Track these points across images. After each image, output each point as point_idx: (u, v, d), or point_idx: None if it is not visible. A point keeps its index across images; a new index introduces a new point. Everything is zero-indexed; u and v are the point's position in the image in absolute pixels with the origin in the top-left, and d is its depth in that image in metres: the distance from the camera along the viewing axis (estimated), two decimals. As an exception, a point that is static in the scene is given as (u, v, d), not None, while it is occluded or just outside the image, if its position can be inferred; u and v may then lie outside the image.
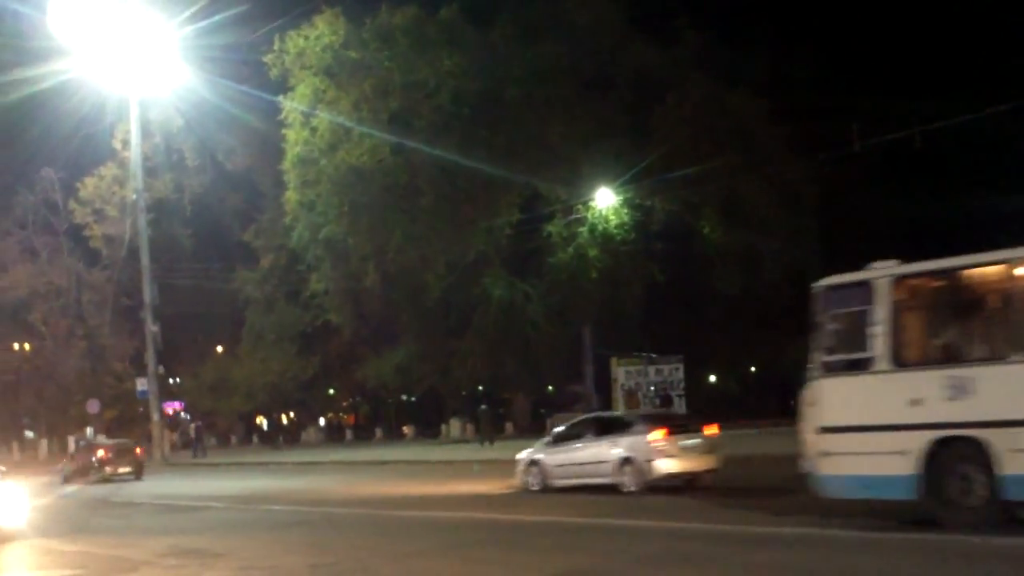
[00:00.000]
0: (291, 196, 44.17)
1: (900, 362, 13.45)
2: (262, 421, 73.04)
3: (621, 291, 44.74)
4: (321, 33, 42.10)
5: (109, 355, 56.72)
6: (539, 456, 22.06)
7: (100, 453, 36.01)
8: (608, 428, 21.39)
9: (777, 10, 48.08)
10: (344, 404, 75.53)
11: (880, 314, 13.79)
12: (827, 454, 13.96)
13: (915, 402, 13.12)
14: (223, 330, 61.80)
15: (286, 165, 43.76)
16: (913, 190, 49.21)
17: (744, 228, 43.96)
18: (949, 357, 13.28)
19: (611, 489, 20.02)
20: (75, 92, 42.85)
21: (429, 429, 58.87)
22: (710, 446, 20.68)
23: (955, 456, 12.68)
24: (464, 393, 54.00)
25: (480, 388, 53.51)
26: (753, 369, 57.93)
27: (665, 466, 19.81)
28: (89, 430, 52.25)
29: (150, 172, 48.45)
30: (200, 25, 39.48)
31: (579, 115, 43.06)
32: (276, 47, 42.32)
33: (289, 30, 42.22)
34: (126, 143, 46.42)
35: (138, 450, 37.75)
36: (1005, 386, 12.38)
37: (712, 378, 58.23)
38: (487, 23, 44.19)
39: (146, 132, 46.59)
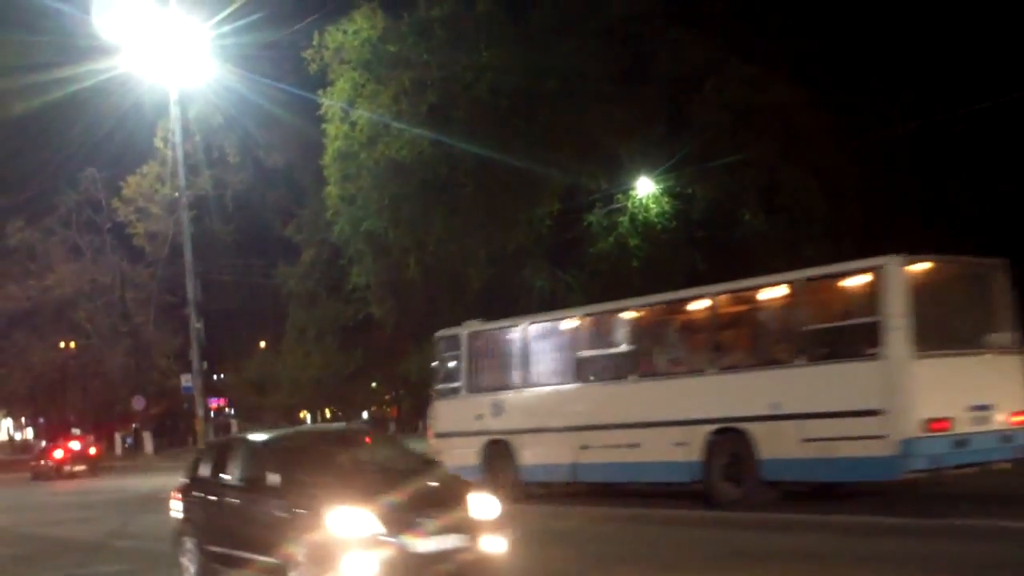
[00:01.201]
0: (332, 191, 44.33)
1: (472, 390, 20.97)
2: (305, 415, 73.45)
3: (662, 279, 44.52)
4: (359, 28, 42.19)
5: (153, 352, 57.33)
6: None
7: None
8: None
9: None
10: (387, 397, 75.74)
11: (463, 357, 21.36)
12: (439, 452, 19.97)
13: (479, 417, 20.55)
14: (265, 325, 62.22)
15: (326, 160, 43.92)
16: (955, 174, 48.73)
17: (785, 215, 43.72)
18: (494, 387, 20.52)
19: None
20: (116, 90, 43.26)
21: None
22: None
23: (499, 450, 19.91)
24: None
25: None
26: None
27: None
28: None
29: (191, 170, 48.74)
30: (239, 23, 39.67)
31: (617, 105, 42.92)
32: (315, 42, 42.47)
33: (327, 25, 42.36)
34: (167, 141, 46.79)
35: None
36: (521, 406, 19.48)
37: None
38: (524, 16, 44.14)
39: (186, 130, 46.87)
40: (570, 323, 20.01)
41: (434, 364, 22.74)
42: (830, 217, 43.83)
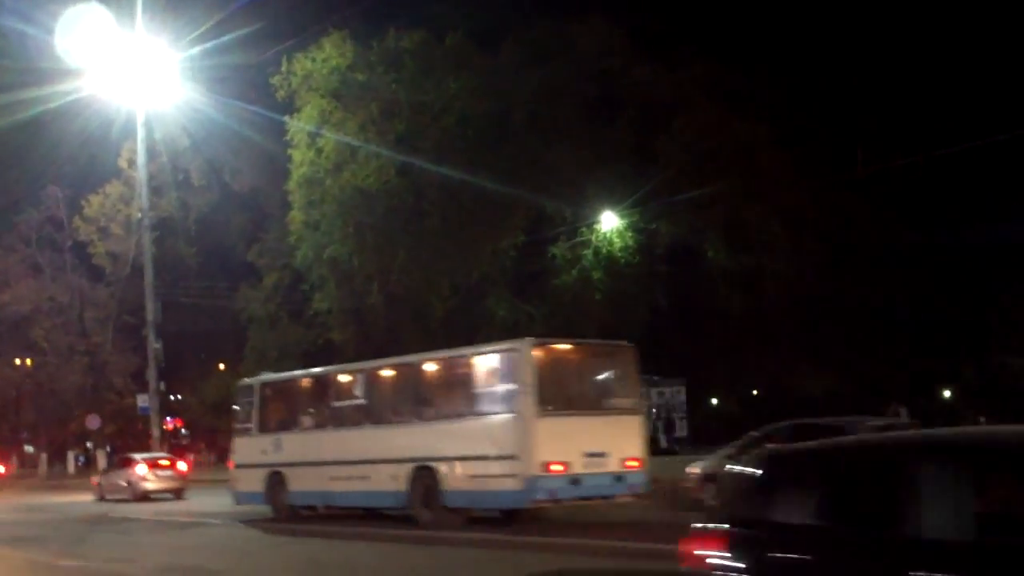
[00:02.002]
0: (296, 216, 44.29)
1: (260, 430, 24.09)
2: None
3: (625, 313, 44.76)
4: (328, 55, 42.27)
5: (110, 371, 56.80)
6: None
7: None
8: None
9: (782, 35, 48.36)
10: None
11: (255, 403, 24.47)
12: (237, 480, 24.61)
13: (264, 452, 23.51)
14: (225, 348, 61.82)
15: (291, 185, 43.89)
16: (916, 215, 49.40)
17: (748, 252, 44.10)
18: (275, 428, 23.91)
19: None
20: (82, 112, 43.03)
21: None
22: None
23: (277, 479, 22.83)
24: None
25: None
26: (755, 392, 57.95)
27: None
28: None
29: (156, 191, 48.59)
30: (207, 46, 39.68)
31: (584, 138, 43.21)
32: (283, 69, 42.46)
33: (296, 52, 42.37)
34: (132, 162, 46.60)
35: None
36: (292, 445, 22.74)
37: (714, 400, 58.26)
38: (493, 47, 44.36)
39: (152, 151, 46.72)
40: (326, 378, 24.12)
41: (234, 407, 26.25)
42: (792, 254, 44.24)
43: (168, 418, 61.28)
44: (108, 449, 58.02)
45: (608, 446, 18.22)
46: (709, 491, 19.79)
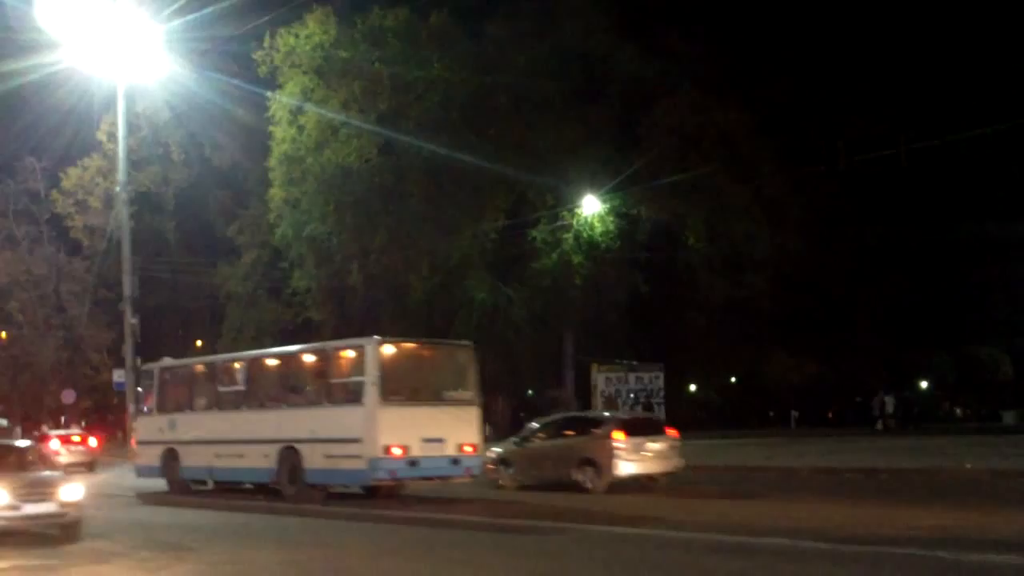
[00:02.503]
0: (276, 193, 44.06)
1: (159, 411, 25.83)
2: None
3: (604, 298, 44.84)
4: (312, 32, 42.01)
5: (86, 346, 56.41)
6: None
7: None
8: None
9: (767, 23, 48.32)
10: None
11: (154, 385, 26.05)
12: (138, 455, 26.58)
13: (160, 430, 25.25)
14: (203, 324, 61.53)
15: (272, 162, 43.65)
16: (897, 208, 49.59)
17: (728, 239, 44.17)
18: (171, 409, 25.46)
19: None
20: (62, 84, 42.56)
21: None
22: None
23: (171, 455, 24.63)
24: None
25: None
26: (733, 379, 58.12)
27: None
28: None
29: (135, 165, 48.14)
30: (189, 18, 39.21)
31: (567, 122, 43.09)
32: (266, 44, 42.19)
33: (280, 27, 42.05)
34: (112, 135, 46.13)
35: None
36: (185, 424, 24.47)
37: (692, 387, 58.36)
38: (478, 28, 44.23)
39: (133, 125, 46.26)
40: (214, 365, 25.88)
41: (139, 389, 28.33)
42: (772, 244, 44.34)
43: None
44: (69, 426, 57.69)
45: (445, 433, 20.21)
46: (501, 471, 23.68)
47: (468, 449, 20.59)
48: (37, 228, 55.00)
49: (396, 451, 19.40)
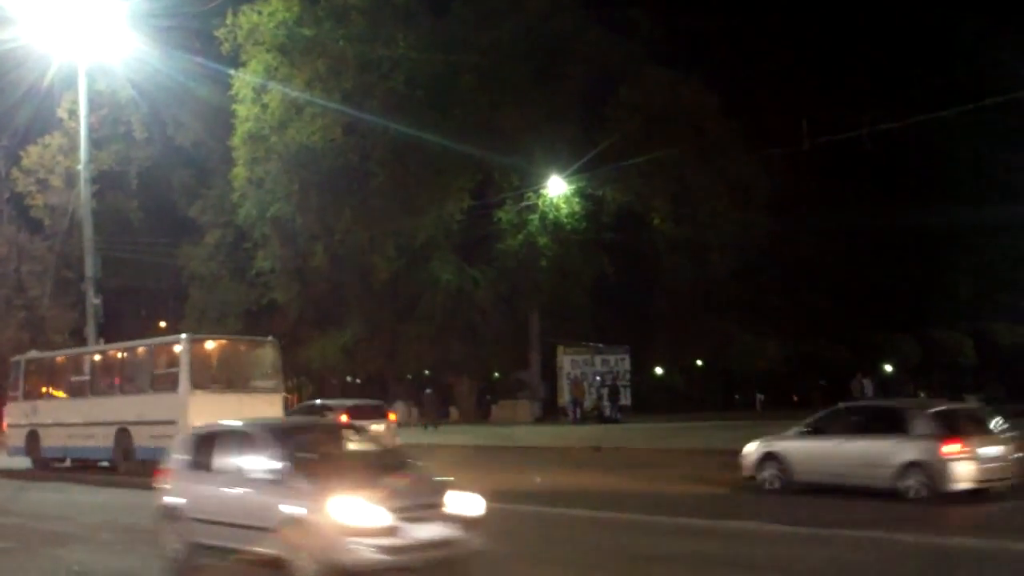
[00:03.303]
0: (239, 172, 43.70)
1: (25, 397, 27.85)
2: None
3: (570, 280, 44.81)
4: (275, 9, 41.63)
5: (48, 327, 55.64)
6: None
7: None
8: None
9: (733, 4, 48.35)
10: (288, 384, 74.93)
11: (21, 375, 28.31)
12: (9, 437, 28.28)
13: (26, 415, 27.45)
14: (166, 305, 60.96)
15: (235, 141, 43.27)
16: (861, 191, 49.81)
17: (693, 221, 44.27)
18: (34, 396, 27.79)
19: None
20: (22, 61, 41.90)
21: (373, 412, 58.47)
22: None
23: (34, 437, 26.88)
24: (409, 377, 53.74)
25: (426, 372, 53.30)
26: (699, 362, 58.25)
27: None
28: None
29: (97, 143, 47.40)
30: (151, -4, 38.80)
31: (533, 102, 43.01)
32: (229, 22, 41.76)
33: (243, 4, 41.69)
34: (72, 113, 45.52)
35: None
36: (45, 409, 27.03)
37: (658, 370, 58.46)
38: (443, 6, 43.99)
39: (94, 102, 45.48)
40: (67, 358, 29.08)
41: (10, 379, 29.63)
42: (738, 225, 44.44)
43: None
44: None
45: (250, 416, 21.15)
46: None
47: None
48: (-3, 207, 54.28)
49: None
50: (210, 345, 24.65)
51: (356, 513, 10.45)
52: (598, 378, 46.11)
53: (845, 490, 16.72)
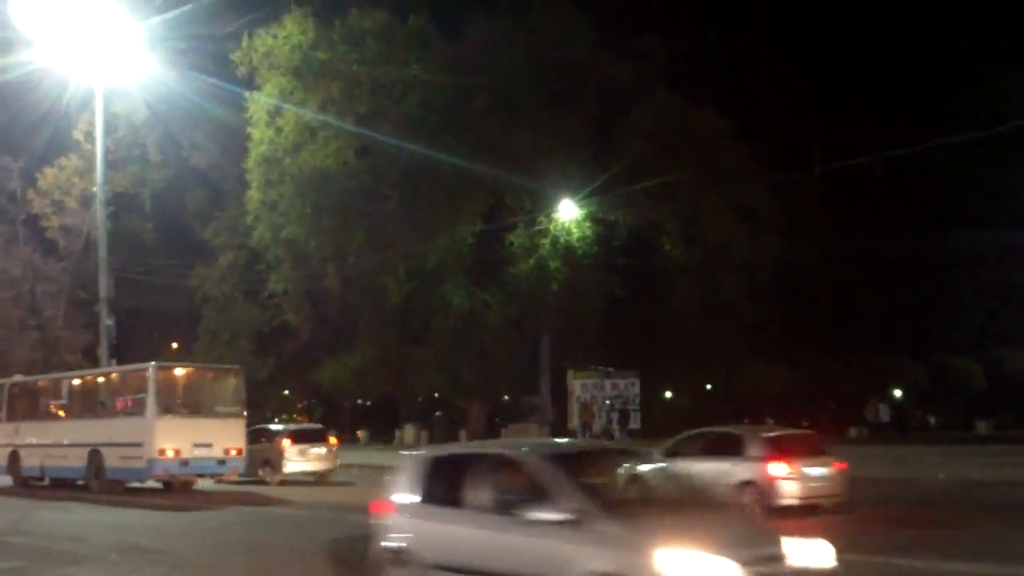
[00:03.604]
0: (253, 195, 43.98)
1: (8, 419, 29.33)
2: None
3: (580, 304, 44.87)
4: (290, 33, 41.99)
5: (62, 347, 56.03)
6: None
7: None
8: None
9: (743, 31, 48.59)
10: (299, 406, 75.14)
11: (4, 398, 29.81)
12: None
13: (8, 436, 28.85)
14: (179, 327, 61.25)
15: (250, 164, 43.58)
16: (871, 216, 49.86)
17: (704, 246, 44.32)
18: (17, 418, 29.24)
19: None
20: (39, 83, 42.36)
21: (383, 434, 58.69)
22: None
23: (15, 457, 28.42)
24: (419, 399, 53.85)
25: (436, 395, 53.41)
26: (709, 386, 58.23)
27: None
28: None
29: (112, 165, 47.82)
30: (168, 17, 39.16)
31: (545, 126, 43.18)
32: (244, 45, 42.15)
33: (258, 27, 42.08)
34: (88, 135, 45.98)
35: None
36: (26, 431, 28.57)
37: (667, 394, 58.46)
38: (456, 31, 44.30)
39: (110, 125, 45.95)
40: (46, 383, 30.40)
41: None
42: (748, 249, 44.53)
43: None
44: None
45: (214, 439, 24.71)
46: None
47: (234, 452, 25.16)
48: (13, 228, 54.64)
49: (169, 453, 23.93)
50: (177, 372, 26.23)
51: (696, 570, 8.13)
52: (608, 402, 46.20)
53: None
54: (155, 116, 48.28)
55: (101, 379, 28.02)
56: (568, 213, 42.82)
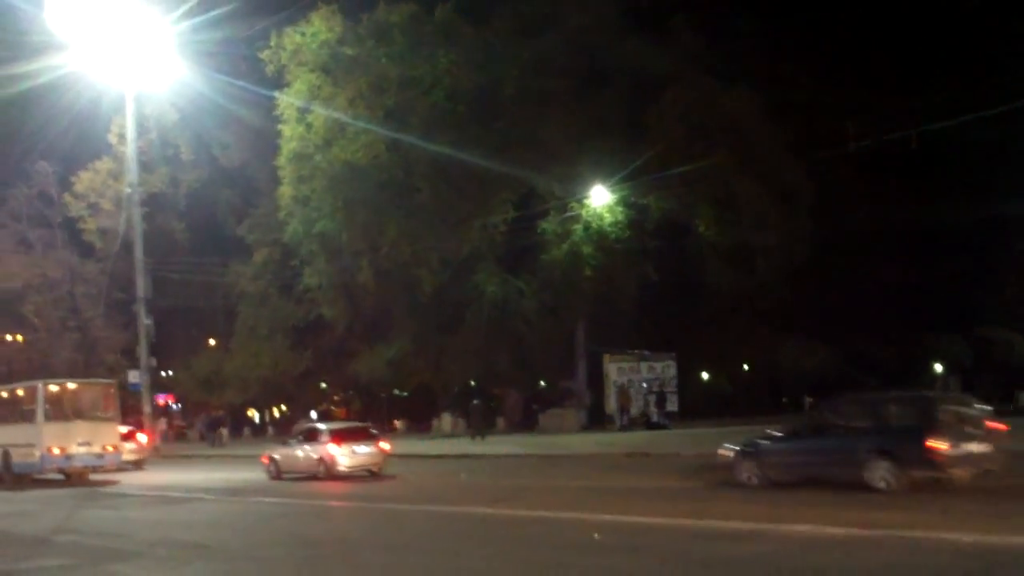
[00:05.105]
0: (286, 191, 44.28)
1: None
2: (254, 414, 73.08)
3: (615, 288, 44.86)
4: (317, 30, 42.18)
5: (101, 347, 56.62)
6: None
7: None
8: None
9: (773, 8, 48.19)
10: (336, 398, 75.58)
11: None
12: None
13: None
14: (216, 324, 61.78)
15: (281, 160, 43.86)
16: (907, 191, 49.42)
17: (738, 226, 44.12)
18: (2, 422, 30.92)
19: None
20: (72, 87, 42.77)
21: (421, 423, 58.95)
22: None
23: (4, 455, 30.02)
24: (456, 388, 54.07)
25: (472, 383, 53.57)
26: (746, 367, 58.07)
27: None
28: None
29: (145, 166, 48.43)
30: (197, 20, 39.48)
31: (575, 112, 43.15)
32: (272, 43, 42.37)
33: (286, 26, 42.28)
34: (122, 137, 46.42)
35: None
36: (10, 432, 29.98)
37: (704, 375, 58.35)
38: (483, 20, 44.24)
39: (142, 127, 46.56)
40: (20, 391, 31.72)
41: None
42: (782, 229, 44.29)
43: (160, 394, 61.37)
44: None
45: (93, 439, 29.37)
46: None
47: (110, 448, 29.91)
48: (51, 231, 55.22)
49: (56, 451, 28.65)
50: (61, 386, 30.75)
51: None
52: (645, 385, 46.19)
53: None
54: (185, 117, 48.67)
55: (5, 394, 32.21)
56: (600, 199, 42.78)
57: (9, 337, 59.81)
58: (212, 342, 63.55)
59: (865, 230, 50.39)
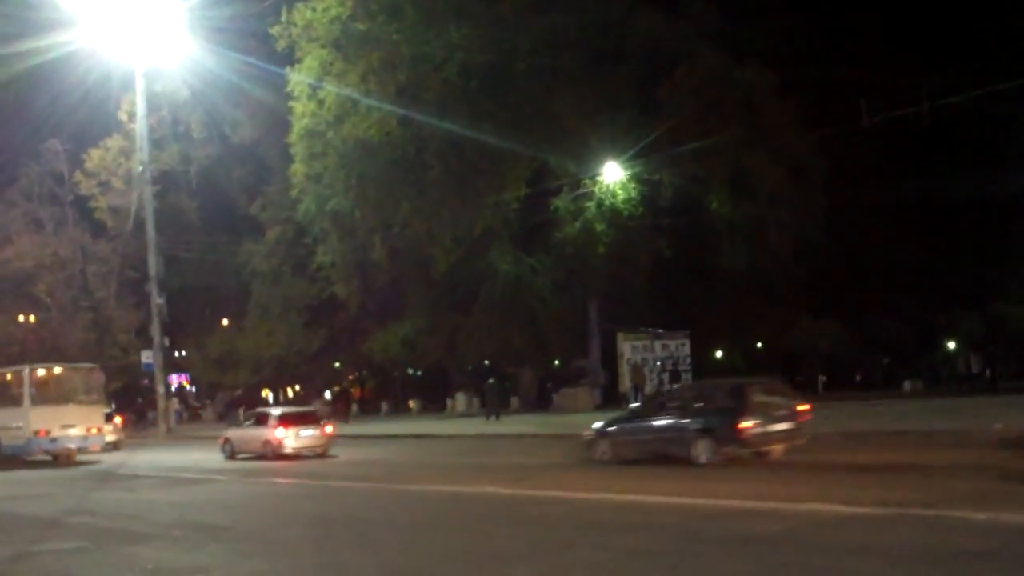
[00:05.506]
0: (298, 169, 44.09)
1: None
2: (267, 394, 73.11)
3: (628, 266, 44.66)
4: (328, 5, 41.86)
5: (114, 327, 56.61)
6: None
7: None
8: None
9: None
10: (350, 377, 75.55)
11: None
12: None
13: None
14: (229, 303, 61.68)
15: (293, 138, 43.65)
16: (920, 167, 49.10)
17: (751, 202, 43.86)
18: None
19: None
20: (81, 64, 42.59)
21: (435, 403, 58.91)
22: None
23: None
24: (470, 367, 53.97)
25: (486, 362, 53.46)
26: (760, 344, 57.85)
27: None
28: None
29: (156, 144, 48.27)
30: (207, -3, 39.29)
31: (587, 88, 42.84)
32: (283, 19, 42.09)
33: (296, 1, 42.01)
34: (132, 115, 46.27)
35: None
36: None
37: (718, 353, 58.15)
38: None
39: (152, 104, 46.35)
40: (8, 376, 32.33)
41: None
42: (795, 205, 44.02)
43: (173, 374, 61.35)
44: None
45: (78, 421, 30.36)
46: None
47: (94, 431, 30.88)
48: (62, 210, 55.15)
49: (42, 434, 29.68)
50: (47, 371, 31.83)
51: None
52: (659, 363, 46.01)
53: None
54: (196, 94, 48.48)
55: (7, 376, 32.56)
56: (613, 175, 42.50)
57: (21, 318, 59.78)
58: (225, 322, 63.51)
59: (878, 206, 50.10)
